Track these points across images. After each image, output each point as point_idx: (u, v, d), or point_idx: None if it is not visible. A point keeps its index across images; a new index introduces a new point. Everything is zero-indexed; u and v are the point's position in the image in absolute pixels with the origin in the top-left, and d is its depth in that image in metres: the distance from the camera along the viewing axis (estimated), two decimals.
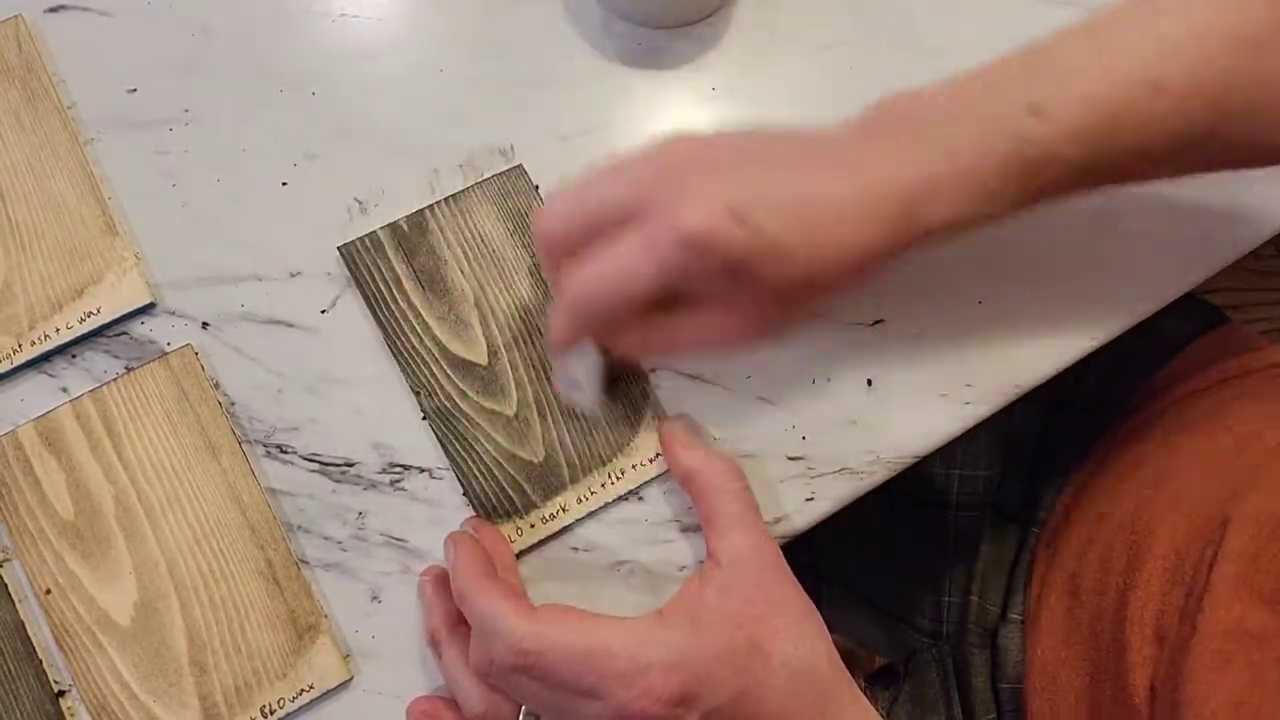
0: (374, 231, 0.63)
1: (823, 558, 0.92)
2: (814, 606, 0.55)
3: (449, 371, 0.61)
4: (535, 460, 0.60)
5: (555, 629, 0.50)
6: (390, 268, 0.62)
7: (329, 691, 0.57)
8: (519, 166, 0.65)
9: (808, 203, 0.47)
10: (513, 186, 0.64)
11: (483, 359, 0.61)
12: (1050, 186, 0.50)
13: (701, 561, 0.60)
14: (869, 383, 0.62)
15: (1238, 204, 0.66)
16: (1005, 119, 0.48)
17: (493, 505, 0.60)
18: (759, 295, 0.49)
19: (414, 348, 0.61)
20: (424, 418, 0.61)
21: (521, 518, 0.60)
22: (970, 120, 0.49)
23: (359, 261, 0.62)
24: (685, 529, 0.61)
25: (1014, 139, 0.48)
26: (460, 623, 0.56)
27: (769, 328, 0.52)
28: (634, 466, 0.61)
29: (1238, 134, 0.50)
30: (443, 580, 0.57)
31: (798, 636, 0.53)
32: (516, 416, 0.61)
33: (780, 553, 0.56)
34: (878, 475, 0.62)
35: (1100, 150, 0.48)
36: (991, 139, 0.48)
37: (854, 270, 0.49)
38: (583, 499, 0.60)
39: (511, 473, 0.60)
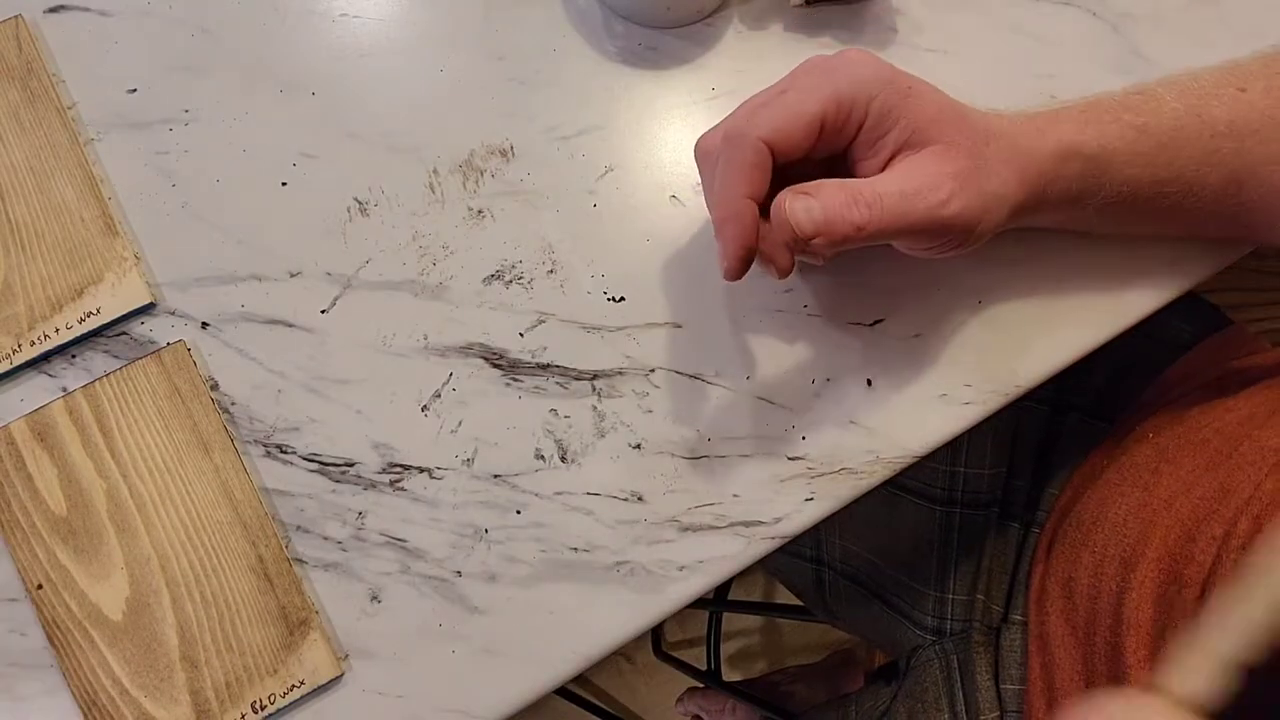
0: None
1: (828, 551, 0.92)
2: None
3: None
4: None
5: None
6: None
7: (325, 690, 0.57)
8: None
9: None
10: None
11: None
12: None
13: (712, 560, 0.60)
14: (869, 383, 0.62)
15: None
16: None
17: None
18: None
19: None
20: None
21: None
22: None
23: None
24: (684, 529, 0.60)
25: None
26: None
27: None
28: None
29: None
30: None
31: None
32: None
33: None
34: (878, 475, 0.61)
35: None
36: None
37: None
38: None
39: None
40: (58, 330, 0.60)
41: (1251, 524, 0.58)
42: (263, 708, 0.56)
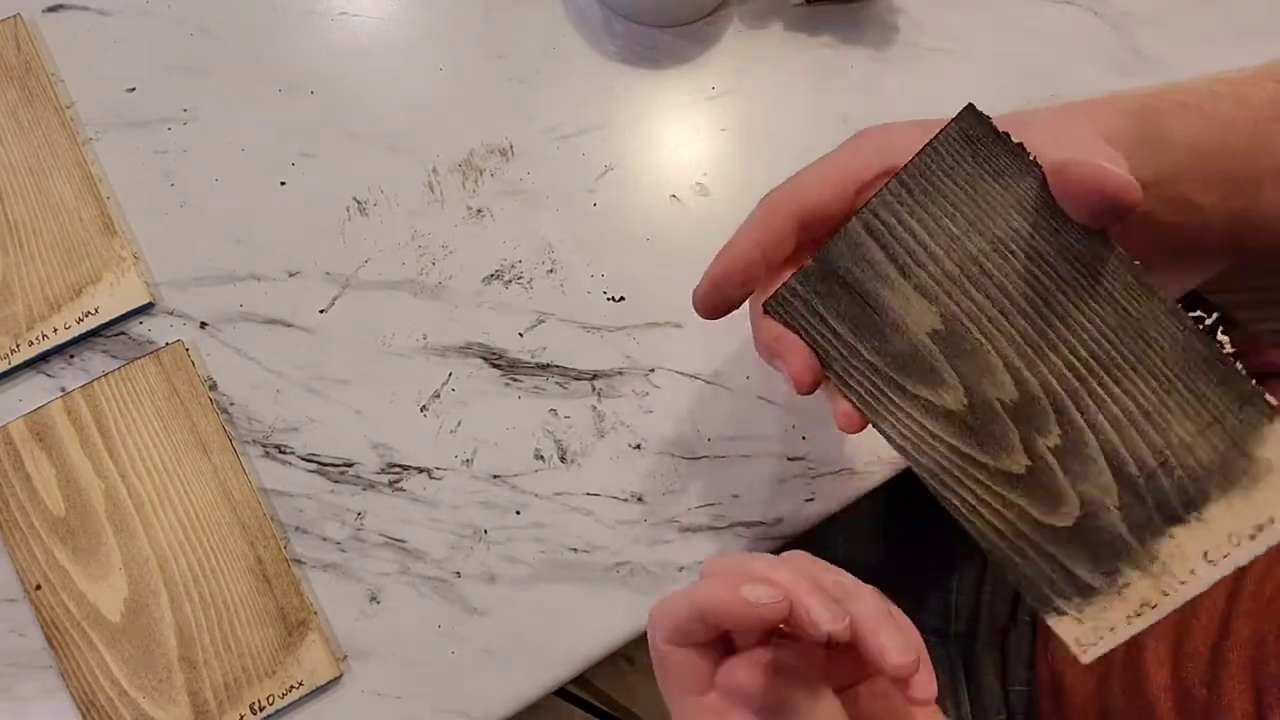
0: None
1: (830, 552, 0.91)
2: None
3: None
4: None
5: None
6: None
7: (324, 691, 0.57)
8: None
9: None
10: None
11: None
12: None
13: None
14: None
15: None
16: None
17: None
18: None
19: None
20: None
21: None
22: None
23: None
24: (684, 529, 0.60)
25: None
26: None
27: None
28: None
29: None
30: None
31: None
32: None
33: None
34: (878, 476, 0.61)
35: None
36: None
37: None
38: (1170, 588, 0.43)
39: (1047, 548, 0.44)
40: (56, 330, 0.60)
41: None
42: (261, 709, 0.56)
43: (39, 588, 0.56)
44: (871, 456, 0.61)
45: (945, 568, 0.83)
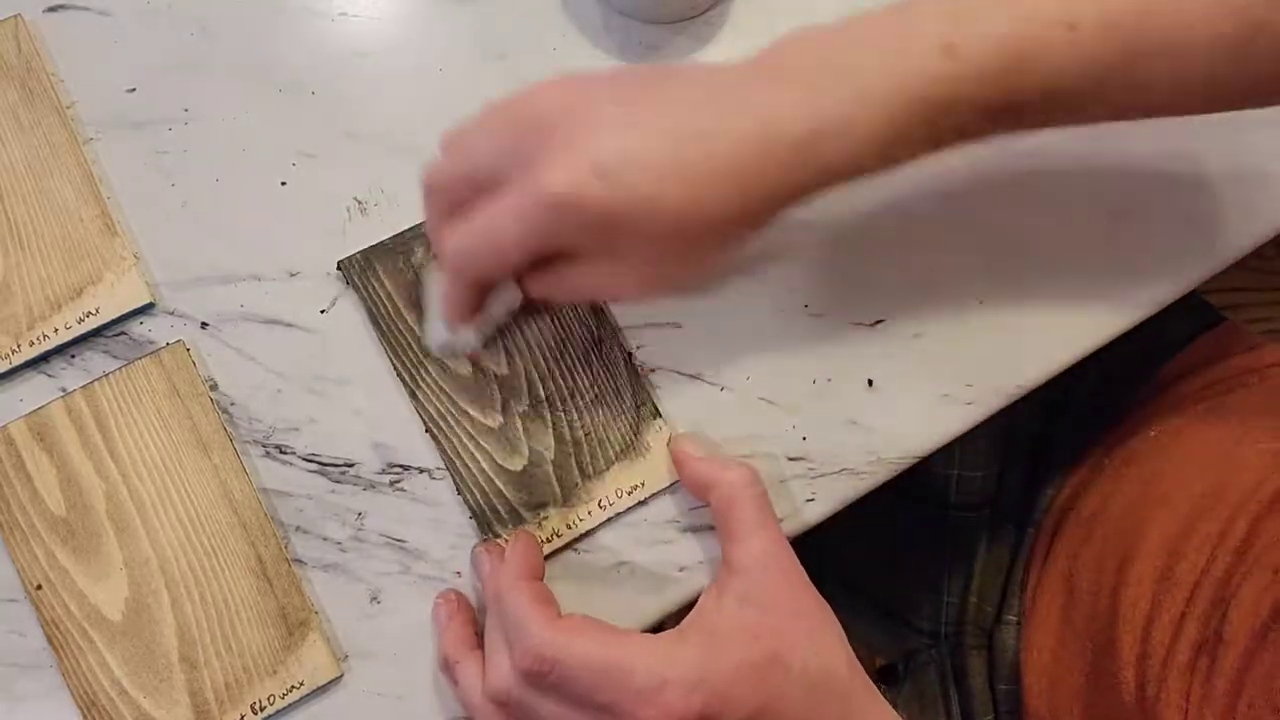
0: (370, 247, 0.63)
1: (824, 557, 0.92)
2: (830, 611, 0.55)
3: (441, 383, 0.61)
4: (517, 469, 0.60)
5: (576, 639, 0.49)
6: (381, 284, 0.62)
7: (324, 691, 0.57)
8: None
9: (689, 149, 0.45)
10: None
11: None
12: (959, 129, 0.48)
13: (712, 562, 0.60)
14: (869, 383, 0.62)
15: (1237, 203, 0.65)
16: (915, 57, 0.45)
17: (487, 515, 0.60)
18: (640, 250, 0.47)
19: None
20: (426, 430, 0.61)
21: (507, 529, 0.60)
22: (880, 57, 0.46)
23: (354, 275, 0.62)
24: (685, 529, 0.60)
25: (923, 77, 0.45)
26: (474, 647, 0.55)
27: (664, 281, 0.49)
28: (632, 489, 0.61)
29: (1148, 75, 0.48)
30: (459, 603, 0.58)
31: (816, 644, 0.53)
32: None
33: (795, 557, 0.55)
34: (878, 475, 0.61)
35: (1009, 91, 0.46)
36: (900, 76, 0.45)
37: (743, 216, 0.47)
38: (574, 522, 0.60)
39: (500, 485, 0.60)
40: (57, 330, 0.60)
41: (1249, 525, 0.58)
42: (262, 709, 0.56)
43: (40, 588, 0.56)
44: (872, 456, 0.61)
45: (936, 572, 0.84)
